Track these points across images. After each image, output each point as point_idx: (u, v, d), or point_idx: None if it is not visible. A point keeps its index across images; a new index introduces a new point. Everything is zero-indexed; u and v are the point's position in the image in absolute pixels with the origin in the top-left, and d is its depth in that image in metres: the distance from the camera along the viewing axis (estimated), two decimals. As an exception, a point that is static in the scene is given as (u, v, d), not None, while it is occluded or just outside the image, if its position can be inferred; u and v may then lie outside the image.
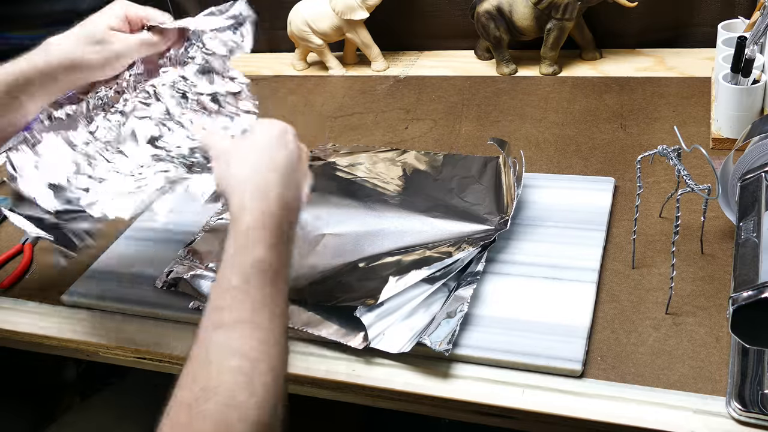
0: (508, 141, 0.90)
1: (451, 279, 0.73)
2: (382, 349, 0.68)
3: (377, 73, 1.30)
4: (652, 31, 1.21)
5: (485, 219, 0.81)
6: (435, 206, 0.85)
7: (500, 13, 1.16)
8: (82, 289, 0.85)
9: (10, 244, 0.96)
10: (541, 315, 0.70)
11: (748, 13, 1.01)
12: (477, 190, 0.87)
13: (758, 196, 0.64)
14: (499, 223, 0.79)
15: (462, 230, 0.80)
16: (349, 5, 1.23)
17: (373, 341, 0.69)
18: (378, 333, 0.69)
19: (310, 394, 0.72)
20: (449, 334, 0.66)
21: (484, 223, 0.80)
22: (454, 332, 0.67)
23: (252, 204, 0.60)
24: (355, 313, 0.70)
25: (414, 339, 0.68)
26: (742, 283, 0.56)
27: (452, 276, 0.73)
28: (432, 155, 0.95)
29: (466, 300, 0.70)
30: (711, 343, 0.65)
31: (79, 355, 0.82)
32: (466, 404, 0.65)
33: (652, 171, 0.88)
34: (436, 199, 0.87)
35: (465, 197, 0.86)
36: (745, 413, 0.58)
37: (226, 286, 0.56)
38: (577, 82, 1.15)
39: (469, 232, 0.80)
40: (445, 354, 0.66)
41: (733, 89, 0.89)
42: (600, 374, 0.64)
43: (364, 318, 0.69)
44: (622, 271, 0.75)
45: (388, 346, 0.68)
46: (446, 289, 0.73)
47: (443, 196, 0.87)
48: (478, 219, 0.81)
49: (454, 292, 0.72)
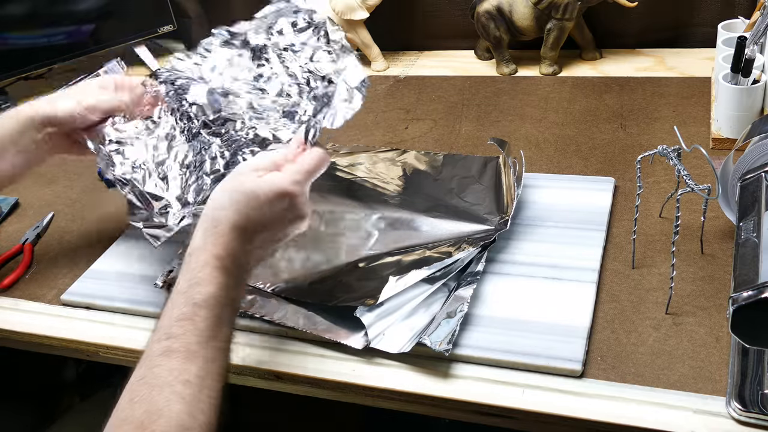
0: (508, 141, 0.90)
1: (451, 279, 0.73)
2: (382, 349, 0.68)
3: (377, 73, 1.30)
4: (652, 31, 1.21)
5: (485, 219, 0.81)
6: (435, 206, 0.85)
7: (500, 13, 1.16)
8: (82, 289, 0.85)
9: (10, 244, 0.96)
10: (541, 315, 0.70)
11: (748, 13, 1.01)
12: (477, 190, 0.87)
13: (758, 196, 0.64)
14: (499, 223, 0.80)
15: (462, 230, 0.80)
16: (349, 5, 1.23)
17: (373, 341, 0.69)
18: (378, 333, 0.69)
19: (311, 394, 0.72)
20: (449, 334, 0.66)
21: (484, 223, 0.81)
22: (454, 332, 0.67)
23: (206, 242, 0.62)
24: (355, 313, 0.70)
25: (414, 339, 0.68)
26: (742, 283, 0.56)
27: (452, 276, 0.73)
28: (432, 155, 0.95)
29: (466, 300, 0.70)
30: (711, 343, 0.65)
31: (79, 355, 0.82)
32: (466, 404, 0.65)
33: (652, 171, 0.88)
34: (436, 199, 0.87)
35: (465, 197, 0.86)
36: (745, 413, 0.58)
37: (177, 316, 0.58)
38: (577, 82, 1.15)
39: (469, 232, 0.80)
40: (445, 354, 0.66)
41: (733, 89, 0.89)
42: (600, 374, 0.64)
43: (364, 318, 0.69)
44: (622, 271, 0.75)
45: (388, 346, 0.68)
46: (446, 289, 0.73)
47: (443, 196, 0.87)
48: (478, 219, 0.81)
49: (454, 292, 0.72)
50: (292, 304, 0.75)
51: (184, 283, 0.60)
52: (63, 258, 0.92)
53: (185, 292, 0.59)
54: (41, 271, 0.91)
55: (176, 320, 0.58)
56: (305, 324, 0.72)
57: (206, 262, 0.60)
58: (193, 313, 0.58)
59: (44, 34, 1.36)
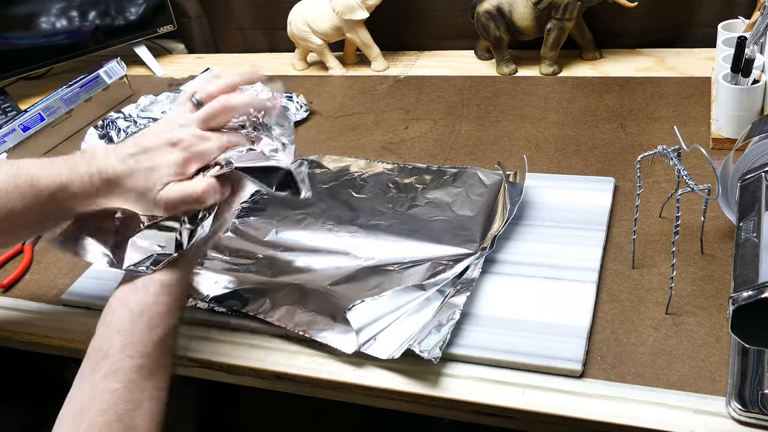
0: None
1: (446, 285, 0.73)
2: (371, 354, 0.68)
3: (377, 73, 1.30)
4: (652, 31, 1.21)
5: (469, 241, 0.79)
6: (418, 229, 0.83)
7: (500, 13, 1.16)
8: (82, 289, 0.85)
9: (10, 244, 0.96)
10: (541, 315, 0.70)
11: (748, 13, 1.01)
12: (468, 209, 0.85)
13: (758, 196, 0.64)
14: (480, 247, 0.78)
15: (444, 253, 0.79)
16: (349, 5, 1.23)
17: (363, 346, 0.68)
18: (369, 338, 0.69)
19: (311, 394, 0.72)
20: (440, 342, 0.66)
21: (464, 246, 0.79)
22: (445, 340, 0.66)
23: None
24: (346, 315, 0.69)
25: (404, 345, 0.67)
26: (742, 283, 0.55)
27: (447, 282, 0.73)
28: (422, 172, 0.93)
29: (459, 308, 0.69)
30: (711, 343, 0.65)
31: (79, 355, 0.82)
32: (466, 404, 0.65)
33: (652, 171, 0.88)
34: (418, 221, 0.85)
35: (451, 216, 0.84)
36: (745, 413, 0.58)
37: (138, 349, 0.61)
38: (577, 82, 1.15)
39: (450, 255, 0.78)
40: (434, 361, 0.65)
41: (733, 89, 0.89)
42: (600, 374, 0.64)
43: (354, 322, 0.69)
44: (622, 271, 0.75)
45: (378, 352, 0.68)
46: (440, 295, 0.72)
47: (430, 215, 0.85)
48: (461, 241, 0.80)
49: (448, 299, 0.71)
50: (290, 305, 0.74)
51: (141, 324, 0.63)
52: (63, 258, 0.92)
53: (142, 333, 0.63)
54: (41, 271, 0.91)
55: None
56: (298, 325, 0.72)
57: None
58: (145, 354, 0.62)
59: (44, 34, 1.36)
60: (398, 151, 1.03)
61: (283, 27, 1.34)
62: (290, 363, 0.71)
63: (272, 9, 1.41)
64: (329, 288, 0.76)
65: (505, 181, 0.85)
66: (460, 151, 1.01)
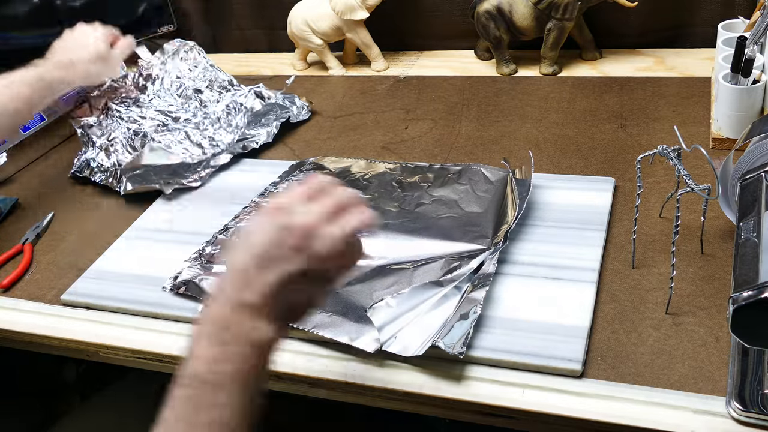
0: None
1: (463, 281, 0.73)
2: (394, 352, 0.67)
3: (377, 73, 1.30)
4: (652, 31, 1.21)
5: (481, 237, 0.79)
6: (427, 227, 0.83)
7: (500, 13, 1.16)
8: (82, 289, 0.85)
9: (10, 244, 0.96)
10: (541, 315, 0.70)
11: (748, 13, 1.01)
12: (476, 206, 0.85)
13: (758, 196, 0.64)
14: (492, 243, 0.78)
15: (456, 249, 0.78)
16: (349, 5, 1.23)
17: (385, 344, 0.68)
18: (390, 336, 0.68)
19: (311, 394, 0.72)
20: (463, 337, 0.66)
21: (477, 242, 0.79)
22: (468, 334, 0.66)
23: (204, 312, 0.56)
24: (367, 312, 0.69)
25: (428, 342, 0.67)
26: (742, 283, 0.55)
27: (464, 278, 0.73)
28: (425, 171, 0.93)
29: (479, 302, 0.69)
30: (711, 343, 0.65)
31: (79, 355, 0.82)
32: (467, 404, 0.65)
33: (652, 171, 0.88)
34: (426, 219, 0.85)
35: (460, 214, 0.84)
36: (745, 413, 0.58)
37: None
38: (577, 82, 1.15)
39: (463, 251, 0.78)
40: (459, 357, 0.65)
41: (733, 89, 0.89)
42: (600, 374, 0.64)
43: (375, 320, 0.69)
44: (622, 271, 0.75)
45: (400, 349, 0.67)
46: (458, 291, 0.72)
47: (438, 212, 0.85)
48: (473, 237, 0.80)
49: (466, 294, 0.71)
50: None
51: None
52: (63, 258, 0.92)
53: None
54: (41, 271, 0.91)
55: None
56: (315, 326, 0.71)
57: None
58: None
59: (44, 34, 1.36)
60: (398, 151, 1.03)
61: (283, 27, 1.34)
62: (290, 363, 0.71)
63: (272, 9, 1.41)
64: (343, 288, 0.76)
65: (511, 177, 0.85)
66: (460, 151, 1.01)
